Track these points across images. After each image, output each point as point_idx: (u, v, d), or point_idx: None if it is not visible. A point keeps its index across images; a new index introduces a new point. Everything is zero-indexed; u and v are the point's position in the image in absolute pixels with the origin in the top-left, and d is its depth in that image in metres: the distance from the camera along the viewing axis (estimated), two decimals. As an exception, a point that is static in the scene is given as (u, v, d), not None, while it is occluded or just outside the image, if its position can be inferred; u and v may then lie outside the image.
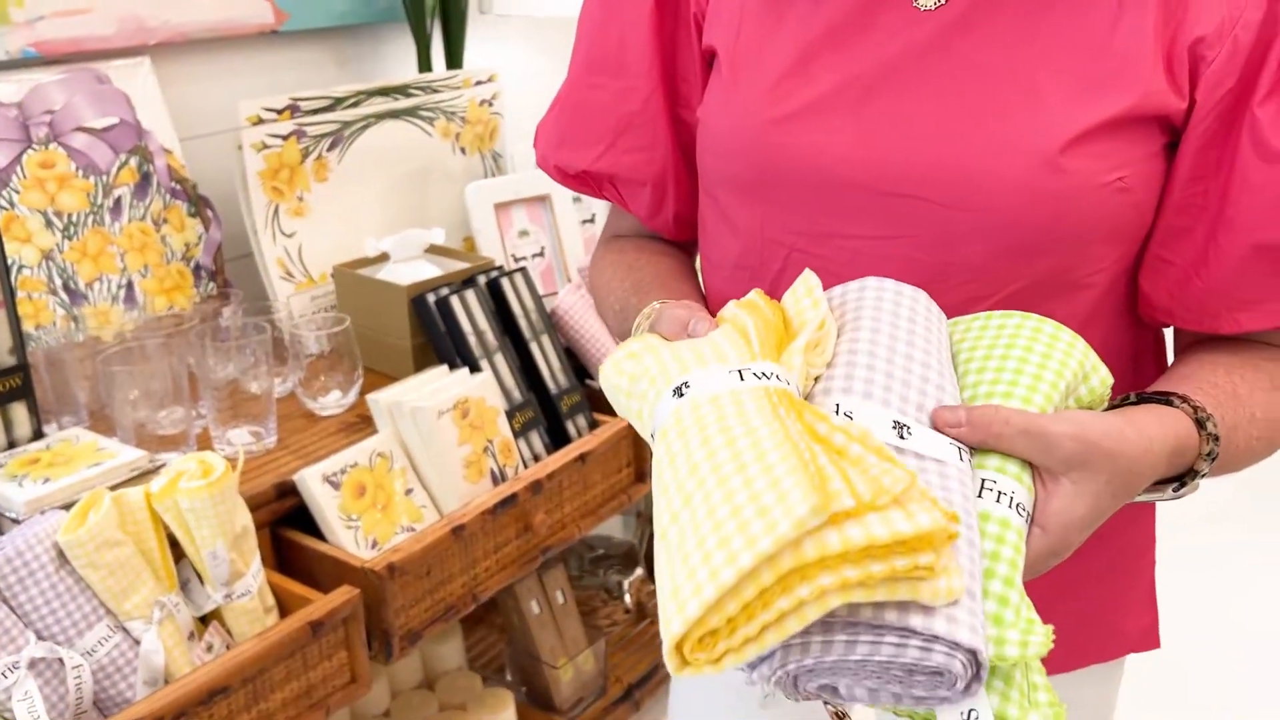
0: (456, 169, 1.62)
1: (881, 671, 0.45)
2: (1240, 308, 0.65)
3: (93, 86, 1.37)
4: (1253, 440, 0.64)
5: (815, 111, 0.67)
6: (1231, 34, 0.60)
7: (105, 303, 1.36)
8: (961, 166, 0.63)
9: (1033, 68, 0.62)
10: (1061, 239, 0.63)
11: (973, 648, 0.44)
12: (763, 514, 0.43)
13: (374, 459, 1.19)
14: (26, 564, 0.92)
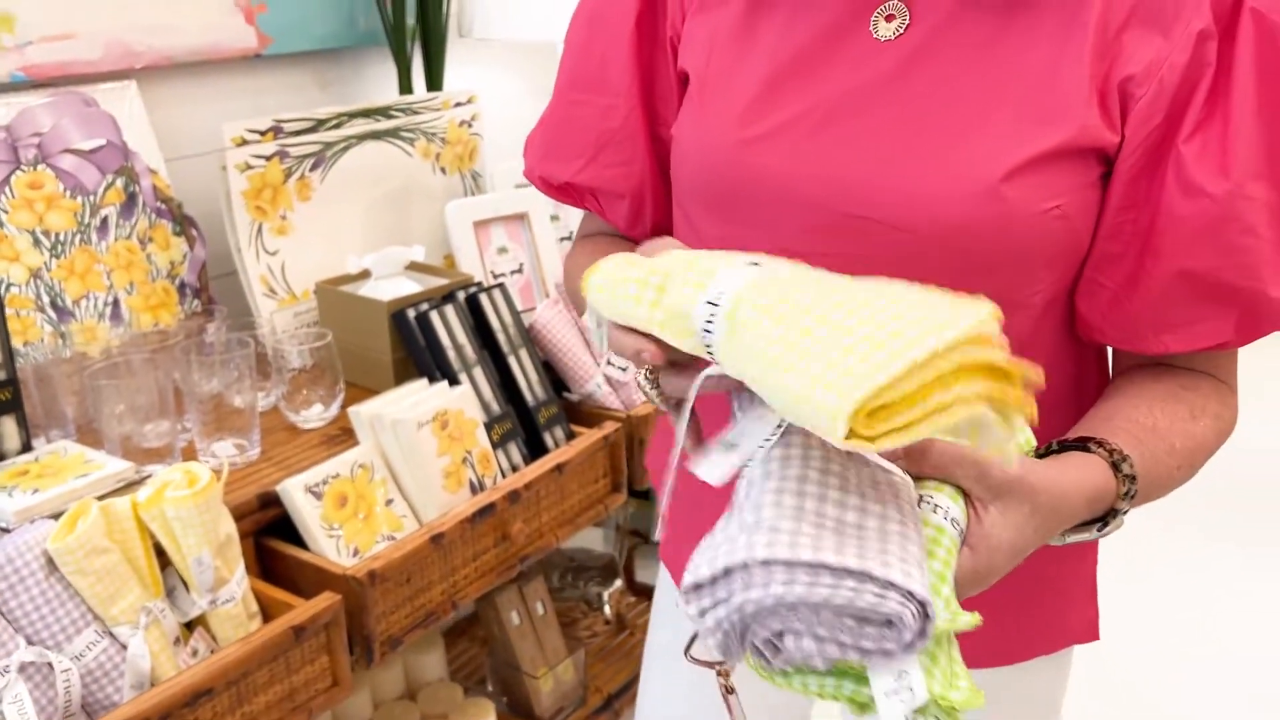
0: (436, 188, 1.66)
1: (835, 620, 0.48)
2: (1165, 330, 0.70)
3: (80, 109, 1.41)
4: (1172, 470, 0.68)
5: (781, 134, 0.71)
6: (1158, 74, 0.64)
7: (92, 319, 1.39)
8: (911, 190, 0.67)
9: (981, 99, 0.67)
10: (1003, 263, 0.67)
11: (924, 600, 0.47)
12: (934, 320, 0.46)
13: (355, 470, 1.23)
14: (16, 570, 0.95)
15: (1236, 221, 0.65)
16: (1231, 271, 0.66)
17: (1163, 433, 0.68)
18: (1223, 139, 0.64)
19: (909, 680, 0.48)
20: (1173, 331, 0.69)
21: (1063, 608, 0.84)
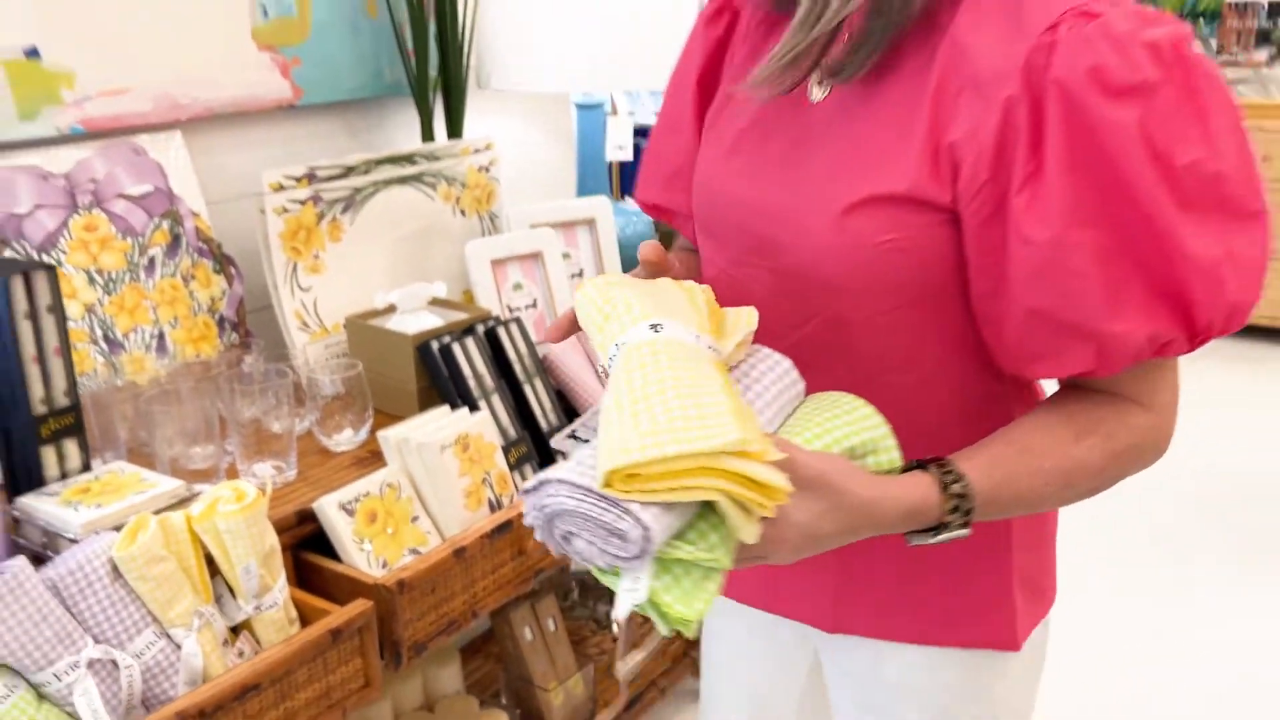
0: (456, 229, 1.78)
1: (596, 530, 0.65)
2: (1034, 360, 0.79)
3: (130, 158, 1.53)
4: (1039, 487, 0.78)
5: (736, 175, 0.89)
6: (976, 139, 0.75)
7: (140, 351, 1.51)
8: (795, 221, 0.83)
9: (849, 153, 0.81)
10: (861, 284, 0.81)
11: (649, 527, 0.63)
12: (710, 424, 0.64)
13: (384, 489, 1.33)
14: (86, 576, 1.05)
15: (1063, 266, 0.73)
16: (1069, 311, 0.75)
17: (1036, 453, 0.78)
18: (1044, 192, 0.73)
19: (640, 584, 0.66)
20: (1040, 361, 0.79)
21: (975, 609, 0.93)
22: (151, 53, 1.54)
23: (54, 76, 1.44)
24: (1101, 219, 0.73)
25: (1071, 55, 0.71)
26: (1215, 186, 0.73)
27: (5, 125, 1.41)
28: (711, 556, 0.66)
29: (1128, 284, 0.74)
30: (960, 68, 0.76)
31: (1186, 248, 0.72)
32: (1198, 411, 3.58)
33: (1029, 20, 0.74)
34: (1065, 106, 0.72)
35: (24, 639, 1.00)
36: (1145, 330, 0.74)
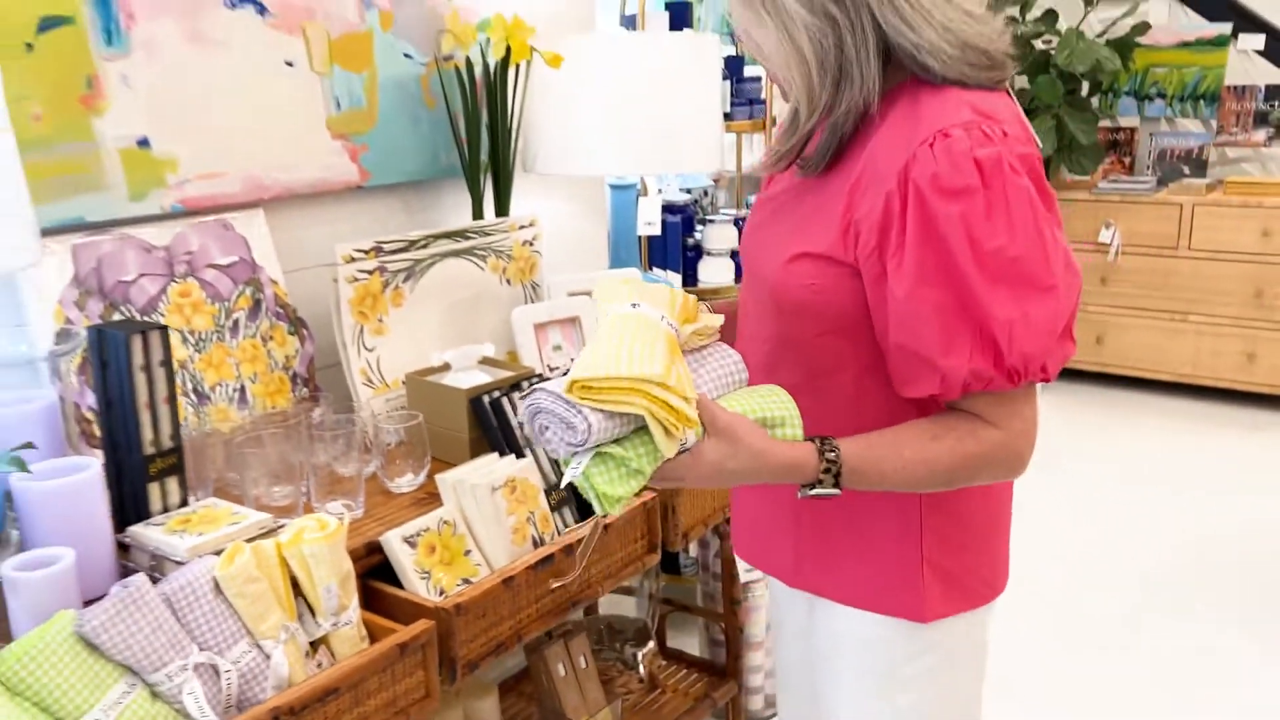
0: (503, 296, 1.98)
1: (558, 423, 0.96)
2: (905, 383, 1.08)
3: (220, 232, 1.74)
4: (900, 469, 1.06)
5: (749, 231, 1.26)
6: (869, 218, 1.04)
7: (224, 403, 1.70)
8: (765, 262, 1.17)
9: (801, 221, 1.13)
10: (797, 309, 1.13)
11: (590, 424, 0.94)
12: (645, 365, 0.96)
13: (441, 525, 1.51)
14: (193, 591, 1.23)
15: (914, 314, 1.02)
16: (918, 347, 1.03)
17: (901, 444, 1.07)
18: (903, 260, 1.02)
19: (580, 465, 0.97)
20: (906, 383, 1.07)
21: (889, 582, 1.19)
22: (241, 142, 1.76)
23: (161, 163, 1.66)
24: (937, 283, 1.01)
25: (923, 164, 1.00)
26: (1015, 266, 1.00)
27: (119, 205, 1.62)
28: (635, 458, 0.97)
29: (957, 332, 1.02)
30: (869, 167, 1.06)
31: (991, 310, 1.00)
32: (1205, 475, 3.70)
33: (914, 136, 1.02)
34: (916, 201, 1.01)
35: (143, 644, 1.17)
36: (969, 366, 1.02)
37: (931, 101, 1.04)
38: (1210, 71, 4.49)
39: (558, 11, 2.26)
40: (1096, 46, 4.10)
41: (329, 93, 1.87)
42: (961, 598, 1.20)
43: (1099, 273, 4.49)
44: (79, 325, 1.55)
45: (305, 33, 1.82)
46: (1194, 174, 4.54)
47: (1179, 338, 4.39)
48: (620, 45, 2.04)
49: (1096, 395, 4.52)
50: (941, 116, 1.01)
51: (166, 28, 1.64)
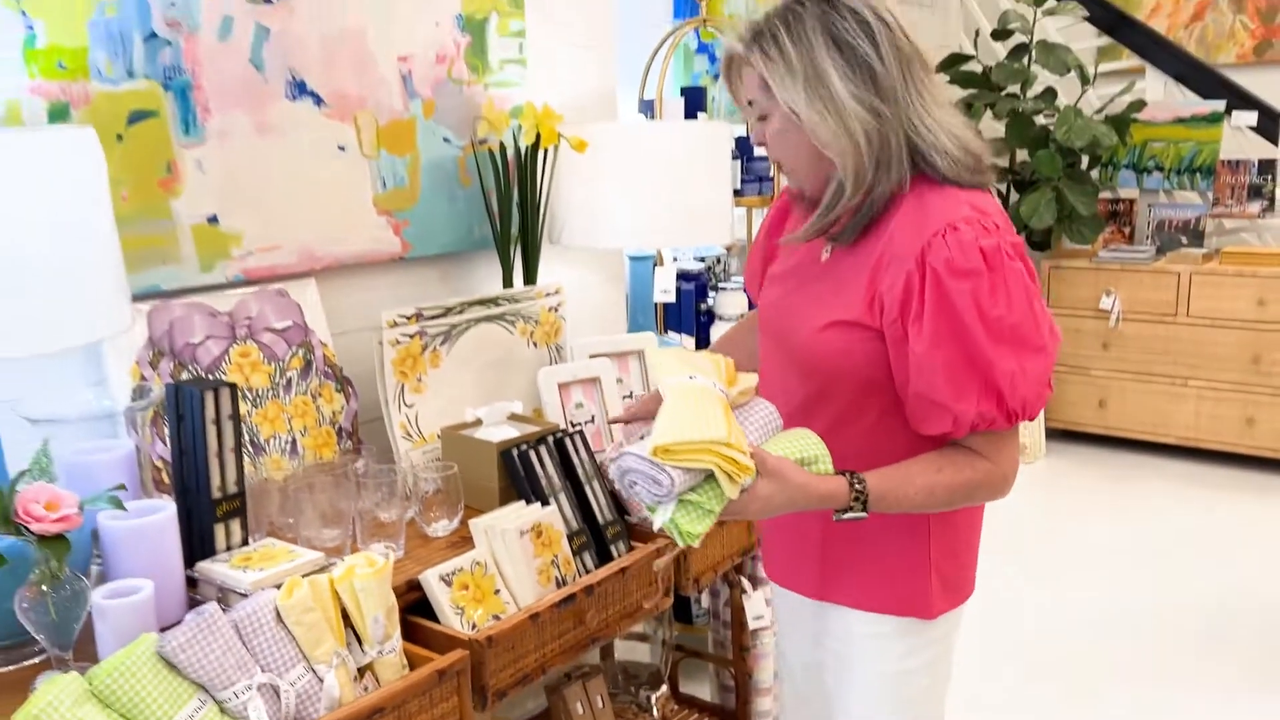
0: (530, 358, 2.15)
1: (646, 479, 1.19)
2: (922, 424, 1.32)
3: (276, 300, 1.92)
4: (914, 494, 1.29)
5: (773, 298, 1.48)
6: (893, 292, 1.28)
7: (277, 454, 1.87)
8: (794, 331, 1.39)
9: (831, 292, 1.33)
10: (828, 370, 1.35)
11: (673, 478, 1.17)
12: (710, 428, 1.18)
13: (473, 566, 1.66)
14: (258, 619, 1.38)
15: (931, 369, 1.26)
16: (933, 394, 1.27)
17: (913, 475, 1.29)
18: (921, 326, 1.25)
19: (667, 511, 1.20)
20: (925, 425, 1.31)
21: (905, 586, 1.41)
22: (298, 218, 1.95)
23: (227, 238, 1.85)
24: (951, 343, 1.25)
25: (938, 250, 1.26)
26: (1013, 331, 1.26)
27: (190, 275, 1.81)
28: (707, 501, 1.20)
29: (967, 382, 1.26)
30: (888, 250, 1.30)
31: (995, 364, 1.25)
32: (1208, 538, 3.80)
33: (925, 228, 1.27)
34: (933, 279, 1.26)
35: (215, 664, 1.33)
36: (976, 409, 1.26)
37: (936, 198, 1.29)
38: (1205, 146, 4.68)
39: (583, 99, 2.47)
40: (1094, 123, 4.30)
41: (376, 174, 2.07)
42: (954, 595, 1.46)
43: (1101, 338, 4.63)
44: (152, 382, 1.73)
45: (356, 121, 2.03)
46: (1191, 244, 4.71)
47: (1180, 402, 4.52)
48: (639, 132, 2.23)
49: (1100, 457, 4.64)
50: (947, 212, 1.27)
51: (236, 119, 1.84)
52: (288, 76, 1.91)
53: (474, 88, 2.23)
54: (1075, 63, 4.39)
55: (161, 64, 1.74)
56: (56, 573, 1.30)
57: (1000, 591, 3.29)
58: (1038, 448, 4.59)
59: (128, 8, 1.69)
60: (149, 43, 1.72)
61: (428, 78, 2.14)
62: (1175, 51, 4.81)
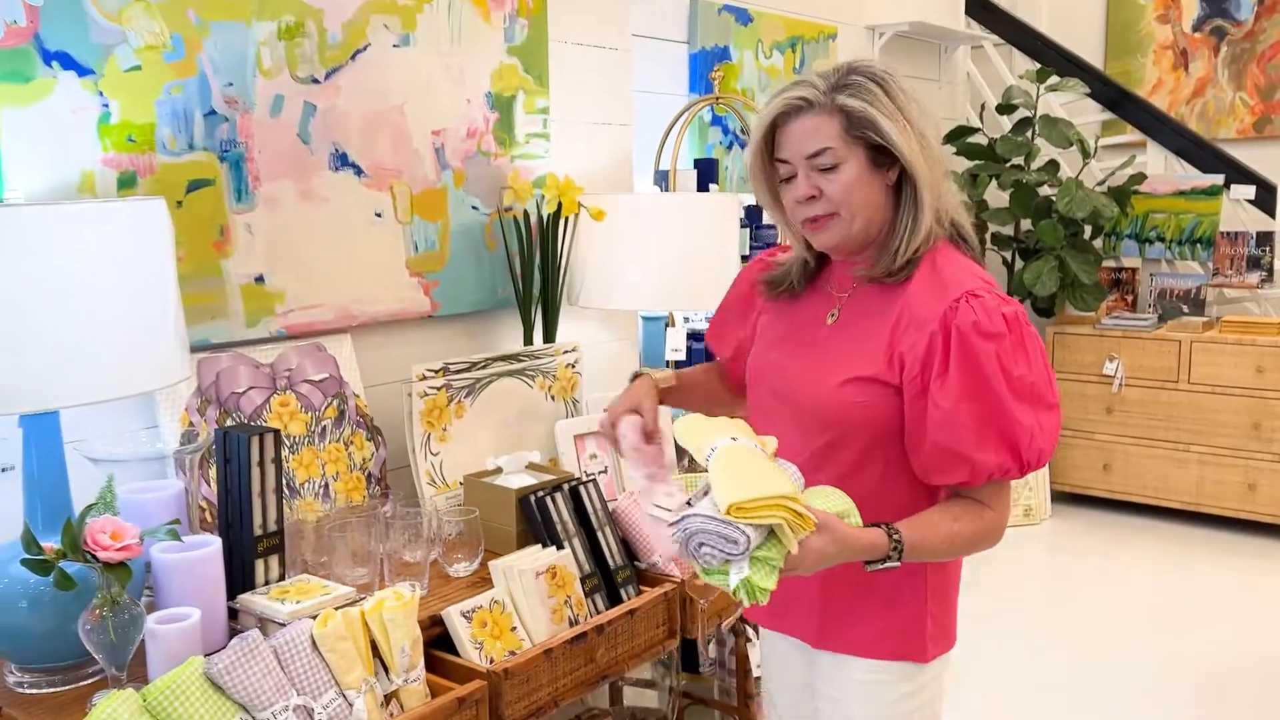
0: (548, 410, 2.29)
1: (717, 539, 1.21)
2: (933, 474, 1.40)
3: (314, 353, 2.07)
4: (937, 543, 1.37)
5: (770, 361, 1.54)
6: (914, 351, 1.38)
7: (311, 497, 2.00)
8: (806, 389, 1.46)
9: (846, 352, 1.43)
10: (843, 424, 1.43)
11: (749, 535, 1.20)
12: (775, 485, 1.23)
13: (492, 604, 1.78)
14: (295, 645, 1.51)
15: (955, 421, 1.35)
16: (956, 445, 1.35)
17: (935, 525, 1.38)
18: (947, 382, 1.35)
19: (743, 570, 1.21)
20: (940, 473, 1.39)
21: (901, 632, 1.49)
22: (336, 278, 2.11)
23: (272, 296, 2.01)
24: (974, 399, 1.35)
25: (964, 314, 1.37)
26: (1032, 389, 1.37)
27: (237, 330, 1.96)
28: (774, 558, 1.23)
29: (987, 434, 1.36)
30: (907, 313, 1.41)
31: (1017, 418, 1.36)
32: (1210, 602, 3.87)
33: (945, 293, 1.39)
34: (959, 339, 1.36)
35: (256, 686, 1.45)
36: (995, 460, 1.36)
37: (948, 267, 1.41)
38: (1205, 218, 4.82)
39: (602, 170, 2.64)
40: (1095, 195, 4.45)
41: (409, 238, 2.23)
42: (945, 639, 1.54)
43: (1104, 403, 4.73)
44: (199, 428, 1.88)
45: (393, 190, 2.19)
46: (1192, 312, 4.82)
47: (1182, 467, 4.60)
48: (653, 203, 2.40)
49: (1104, 520, 4.71)
50: (962, 281, 1.39)
51: (284, 187, 2.01)
52: (331, 149, 2.08)
53: (501, 160, 2.40)
54: (1077, 137, 4.56)
55: (219, 137, 1.91)
56: (116, 598, 1.43)
57: (1003, 649, 3.37)
58: (1043, 509, 4.68)
59: (191, 88, 1.86)
60: (208, 119, 1.89)
61: (459, 150, 2.31)
62: (1176, 127, 4.97)
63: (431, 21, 2.23)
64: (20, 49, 1.66)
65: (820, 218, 1.42)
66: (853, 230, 1.42)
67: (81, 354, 1.43)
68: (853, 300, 1.48)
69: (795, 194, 1.42)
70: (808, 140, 1.39)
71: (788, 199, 1.45)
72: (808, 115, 1.39)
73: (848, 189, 1.39)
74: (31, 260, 1.38)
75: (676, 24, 3.34)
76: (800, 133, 1.39)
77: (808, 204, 1.42)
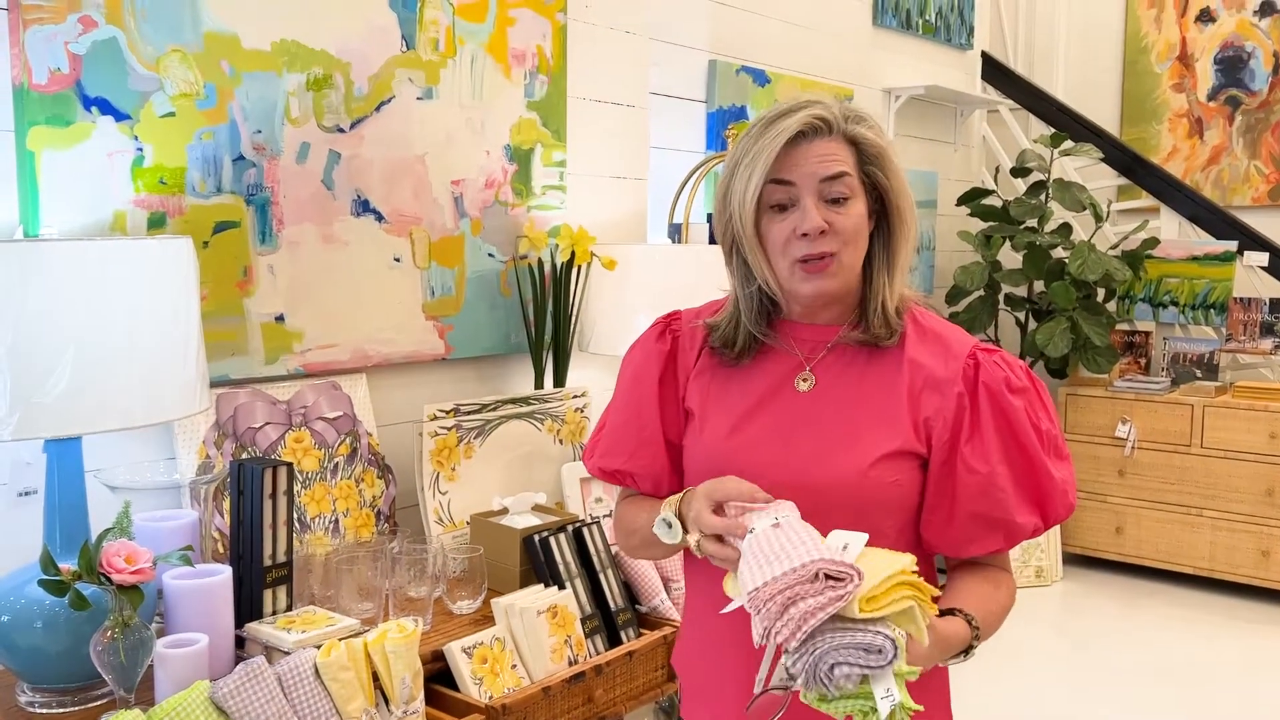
0: (555, 453, 2.33)
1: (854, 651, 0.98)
2: (968, 544, 1.28)
3: (330, 392, 2.13)
4: (993, 621, 1.24)
5: (747, 444, 1.29)
6: (941, 414, 1.26)
7: (321, 531, 2.05)
8: (824, 476, 1.25)
9: (856, 422, 1.28)
10: (865, 507, 1.24)
11: (893, 639, 1.00)
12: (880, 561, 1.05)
13: (493, 641, 1.81)
14: (299, 673, 1.55)
15: (994, 486, 1.25)
16: (995, 511, 1.25)
17: (985, 601, 1.24)
18: (981, 443, 1.25)
19: (892, 690, 0.98)
20: (972, 544, 1.28)
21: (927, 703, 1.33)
22: (353, 320, 2.17)
23: (290, 335, 2.07)
24: (1012, 460, 1.26)
25: (991, 370, 1.28)
26: (1055, 442, 1.30)
27: (255, 366, 2.02)
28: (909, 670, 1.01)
29: (1026, 493, 1.27)
30: (917, 373, 1.28)
31: (1051, 474, 1.27)
32: (1222, 669, 3.83)
33: (954, 350, 1.29)
34: (989, 396, 1.27)
35: (258, 710, 1.49)
36: (1030, 522, 1.27)
37: (929, 323, 1.32)
38: (1219, 284, 4.85)
39: (616, 221, 2.72)
40: (1106, 258, 4.49)
41: (426, 283, 2.30)
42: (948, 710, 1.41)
43: (1116, 465, 4.73)
44: (215, 461, 1.93)
45: (412, 236, 2.27)
46: (1206, 377, 4.83)
47: (1196, 531, 4.58)
48: (663, 254, 2.46)
49: (1116, 583, 4.68)
50: (960, 337, 1.31)
51: (306, 231, 2.09)
52: (353, 195, 2.16)
53: (518, 210, 2.47)
54: (1089, 200, 4.61)
55: (246, 182, 1.99)
56: (128, 620, 1.47)
57: (1012, 711, 3.35)
58: (1054, 570, 4.66)
59: (221, 135, 1.95)
60: (237, 164, 1.98)
61: (477, 200, 2.39)
62: (1189, 194, 5.02)
63: (454, 76, 2.32)
64: (62, 94, 1.75)
65: (827, 257, 1.24)
66: (848, 278, 1.28)
67: (105, 383, 1.49)
68: (829, 364, 1.30)
69: (803, 225, 1.22)
70: (826, 163, 1.23)
71: (780, 231, 1.25)
72: (826, 138, 1.24)
73: (858, 226, 1.25)
74: (63, 293, 1.45)
75: (696, 84, 3.43)
76: (817, 155, 1.23)
77: (816, 239, 1.23)
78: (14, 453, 1.72)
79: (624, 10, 2.73)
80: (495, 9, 2.39)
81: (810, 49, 3.90)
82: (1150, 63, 5.51)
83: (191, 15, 1.89)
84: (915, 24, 4.63)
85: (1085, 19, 5.54)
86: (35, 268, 1.44)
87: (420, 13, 2.24)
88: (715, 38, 3.45)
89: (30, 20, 1.70)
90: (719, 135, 3.43)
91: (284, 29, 2.02)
